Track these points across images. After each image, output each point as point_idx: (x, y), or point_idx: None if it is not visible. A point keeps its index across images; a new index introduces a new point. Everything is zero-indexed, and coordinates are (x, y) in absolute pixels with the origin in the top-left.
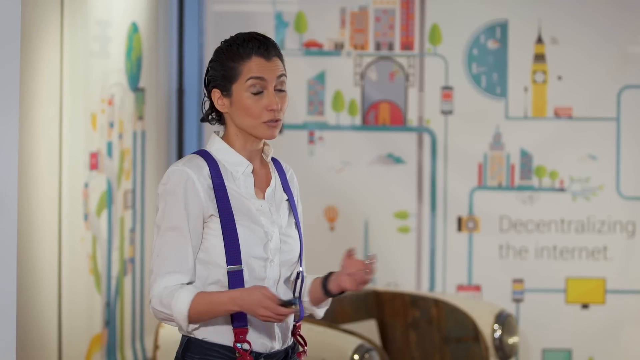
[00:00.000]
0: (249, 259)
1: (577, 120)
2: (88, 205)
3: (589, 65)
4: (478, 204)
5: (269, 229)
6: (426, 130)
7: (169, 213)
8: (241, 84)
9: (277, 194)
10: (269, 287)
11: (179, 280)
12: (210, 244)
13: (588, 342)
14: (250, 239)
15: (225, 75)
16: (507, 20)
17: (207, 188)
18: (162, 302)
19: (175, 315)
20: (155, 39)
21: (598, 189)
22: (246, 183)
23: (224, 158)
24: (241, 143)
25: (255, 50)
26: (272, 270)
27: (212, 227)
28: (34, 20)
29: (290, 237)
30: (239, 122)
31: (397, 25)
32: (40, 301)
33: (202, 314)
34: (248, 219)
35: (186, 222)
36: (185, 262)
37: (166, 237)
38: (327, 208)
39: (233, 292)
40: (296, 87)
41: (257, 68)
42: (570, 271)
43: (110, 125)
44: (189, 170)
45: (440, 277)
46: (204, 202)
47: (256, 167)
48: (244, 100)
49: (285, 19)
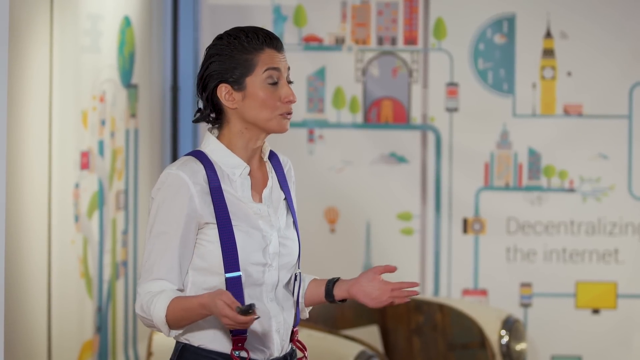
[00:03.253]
0: (247, 265)
1: (587, 118)
2: (79, 207)
3: (599, 60)
4: (484, 205)
5: (268, 233)
6: (430, 129)
7: (160, 218)
8: (257, 76)
9: (275, 195)
10: (267, 292)
11: (163, 287)
12: (207, 250)
13: (599, 348)
14: (249, 244)
15: (237, 68)
16: (514, 14)
17: (203, 193)
18: (143, 309)
19: (155, 322)
20: (149, 33)
21: (609, 189)
22: (243, 186)
23: (221, 159)
24: (244, 142)
25: (267, 42)
26: (271, 275)
27: (208, 233)
28: (23, 13)
29: (289, 239)
30: (252, 115)
31: (400, 19)
32: (29, 306)
33: (179, 320)
34: (246, 223)
35: (177, 228)
36: (171, 269)
37: (155, 243)
38: (328, 209)
39: (202, 297)
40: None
41: (271, 59)
42: (580, 275)
43: (101, 123)
44: (183, 174)
45: (445, 281)
46: (199, 208)
47: (254, 168)
48: (259, 92)
49: (284, 12)
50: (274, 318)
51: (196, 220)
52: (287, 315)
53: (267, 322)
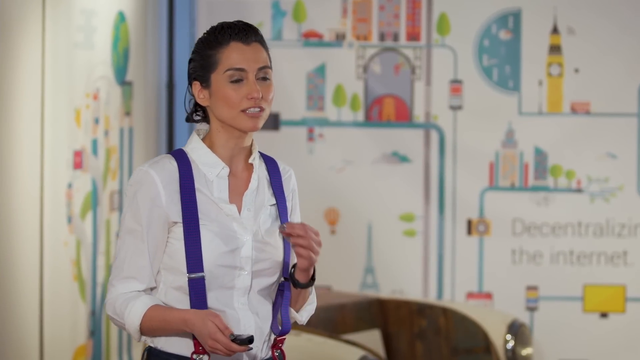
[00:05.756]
0: (214, 266)
1: (595, 116)
2: (72, 207)
3: (608, 57)
4: (489, 205)
5: (241, 235)
6: (434, 127)
7: (130, 215)
8: (219, 74)
9: (259, 198)
10: (238, 296)
11: (135, 287)
12: (174, 249)
13: (607, 353)
14: (218, 246)
15: (203, 64)
16: (520, 9)
17: (172, 191)
18: (115, 311)
19: (127, 326)
20: (144, 29)
21: (617, 190)
22: (220, 186)
23: (199, 158)
24: (223, 139)
25: (233, 35)
26: (242, 280)
27: (176, 231)
28: (14, 9)
29: (269, 245)
30: (219, 113)
31: (402, 14)
32: (20, 310)
33: (154, 330)
34: (217, 224)
35: (144, 227)
36: (142, 267)
37: (124, 241)
38: (328, 210)
39: (186, 312)
40: (295, 80)
41: (236, 56)
42: (588, 278)
43: (95, 122)
44: (152, 172)
45: (449, 284)
46: (166, 206)
47: (238, 169)
48: (222, 89)
49: (283, 7)
50: (244, 324)
51: (164, 218)
52: (263, 322)
53: (235, 327)
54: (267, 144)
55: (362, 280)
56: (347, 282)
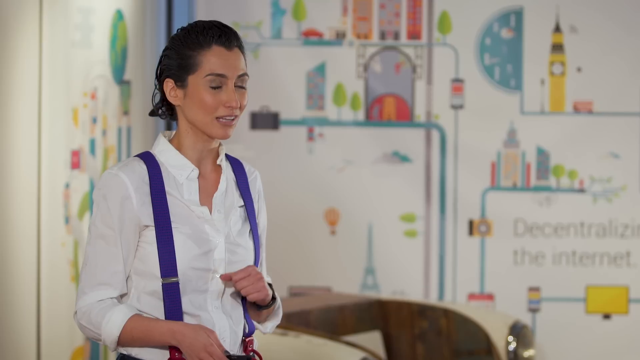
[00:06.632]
0: (188, 270)
1: (598, 115)
2: (69, 208)
3: (611, 56)
4: (491, 206)
5: (214, 237)
6: (435, 126)
7: (99, 220)
8: (199, 77)
9: (228, 200)
10: (212, 299)
11: (108, 294)
12: (146, 253)
13: (610, 355)
14: (191, 249)
15: (181, 64)
16: (522, 7)
17: (143, 194)
18: (90, 320)
19: (103, 337)
20: (142, 27)
21: (621, 190)
22: (190, 189)
23: (167, 160)
24: (191, 141)
25: (215, 39)
26: (216, 283)
27: (147, 235)
28: (11, 6)
29: (241, 246)
30: (191, 116)
31: (403, 12)
32: (17, 311)
33: (134, 340)
34: (189, 227)
35: (116, 231)
36: (115, 273)
37: (95, 246)
38: (328, 210)
39: (175, 324)
40: (294, 79)
41: (217, 61)
42: (590, 279)
43: (93, 121)
44: (122, 175)
45: (450, 285)
46: (137, 209)
47: (207, 170)
48: (200, 93)
49: (283, 5)
50: (219, 327)
51: (135, 222)
52: (236, 325)
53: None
54: (266, 143)
55: (362, 281)
56: (348, 283)
